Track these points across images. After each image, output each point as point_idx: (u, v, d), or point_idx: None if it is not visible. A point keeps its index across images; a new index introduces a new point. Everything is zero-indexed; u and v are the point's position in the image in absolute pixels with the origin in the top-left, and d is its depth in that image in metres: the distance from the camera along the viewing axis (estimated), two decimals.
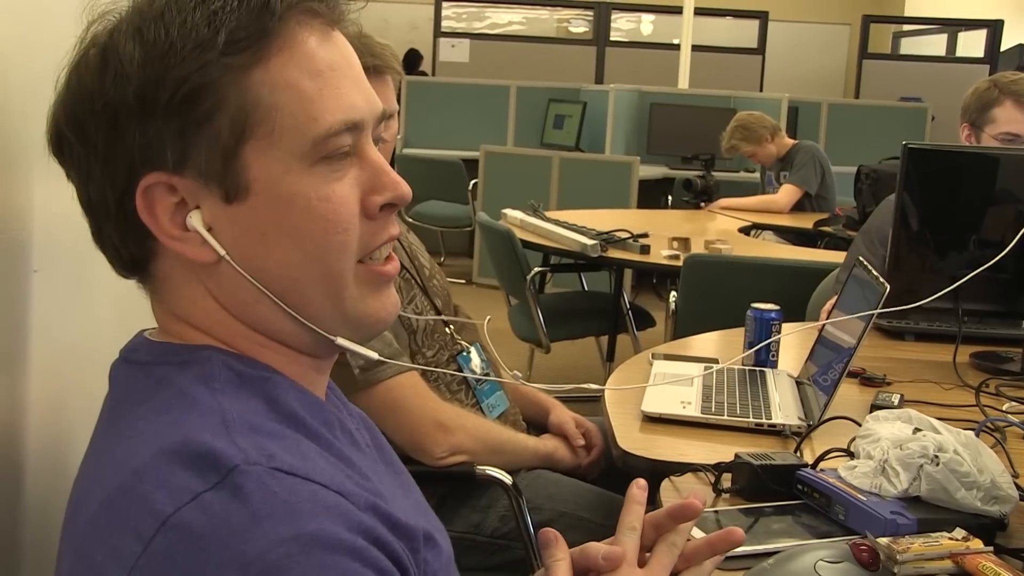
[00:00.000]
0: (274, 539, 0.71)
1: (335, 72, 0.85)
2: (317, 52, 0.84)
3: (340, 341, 0.89)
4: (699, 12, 8.18)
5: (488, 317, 1.48)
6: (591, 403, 2.03)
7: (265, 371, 0.86)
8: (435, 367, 1.89)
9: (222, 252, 0.83)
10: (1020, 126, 2.63)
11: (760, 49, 9.04)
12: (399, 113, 1.85)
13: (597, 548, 0.96)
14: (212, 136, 0.81)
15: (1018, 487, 1.32)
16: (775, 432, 1.67)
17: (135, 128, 0.81)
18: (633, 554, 0.95)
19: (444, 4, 8.77)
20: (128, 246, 0.86)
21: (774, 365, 1.99)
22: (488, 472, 1.82)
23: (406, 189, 0.88)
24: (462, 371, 1.93)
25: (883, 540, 1.16)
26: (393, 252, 0.92)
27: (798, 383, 1.89)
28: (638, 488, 0.99)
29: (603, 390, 1.78)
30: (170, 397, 0.81)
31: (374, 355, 0.96)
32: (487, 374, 1.97)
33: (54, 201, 0.91)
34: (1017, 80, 2.66)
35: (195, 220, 0.83)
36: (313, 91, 0.83)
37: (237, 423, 0.78)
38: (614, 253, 3.74)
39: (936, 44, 11.52)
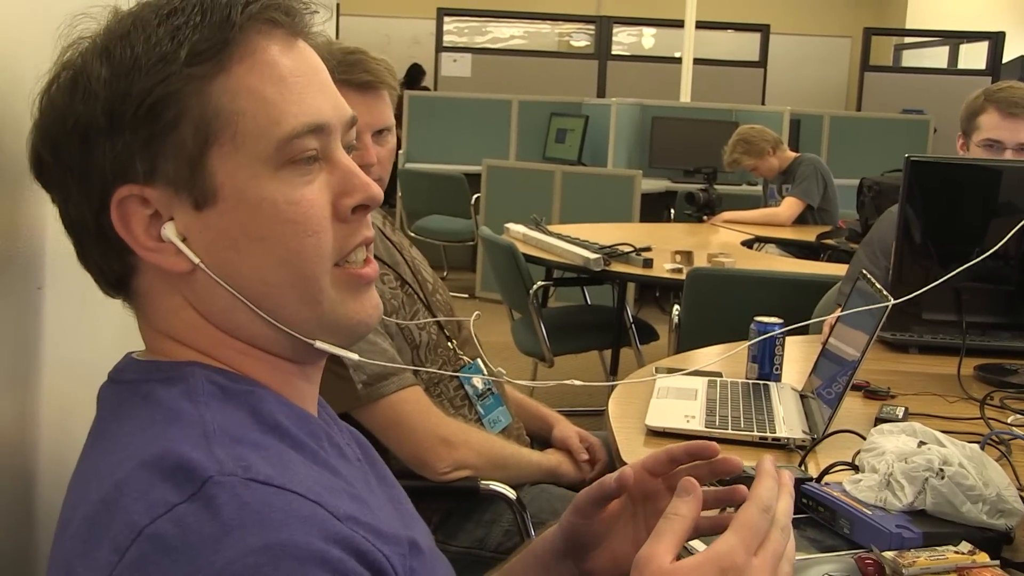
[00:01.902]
0: (242, 549, 0.71)
1: (299, 78, 0.86)
2: (279, 60, 0.86)
3: (319, 344, 0.89)
4: (700, 25, 8.20)
5: (476, 313, 1.48)
6: (595, 417, 2.03)
7: (249, 384, 0.87)
8: (437, 383, 1.89)
9: (196, 260, 0.84)
10: (1002, 132, 2.59)
11: (762, 62, 9.06)
12: (402, 128, 1.86)
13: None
14: (177, 144, 0.83)
15: None
16: (779, 446, 1.67)
17: (105, 143, 0.83)
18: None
19: (446, 19, 8.80)
20: (110, 263, 0.88)
21: (778, 379, 1.99)
22: (492, 487, 1.82)
23: (376, 191, 0.89)
24: (464, 387, 1.93)
25: (888, 554, 1.16)
26: (374, 256, 0.92)
27: (802, 396, 1.89)
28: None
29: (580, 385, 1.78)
30: (154, 412, 0.81)
31: (354, 356, 0.96)
32: (490, 389, 1.97)
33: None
34: (1004, 88, 2.63)
35: (168, 230, 0.84)
36: (275, 96, 0.84)
37: (218, 434, 0.78)
38: (617, 267, 3.74)
39: (938, 56, 11.54)
